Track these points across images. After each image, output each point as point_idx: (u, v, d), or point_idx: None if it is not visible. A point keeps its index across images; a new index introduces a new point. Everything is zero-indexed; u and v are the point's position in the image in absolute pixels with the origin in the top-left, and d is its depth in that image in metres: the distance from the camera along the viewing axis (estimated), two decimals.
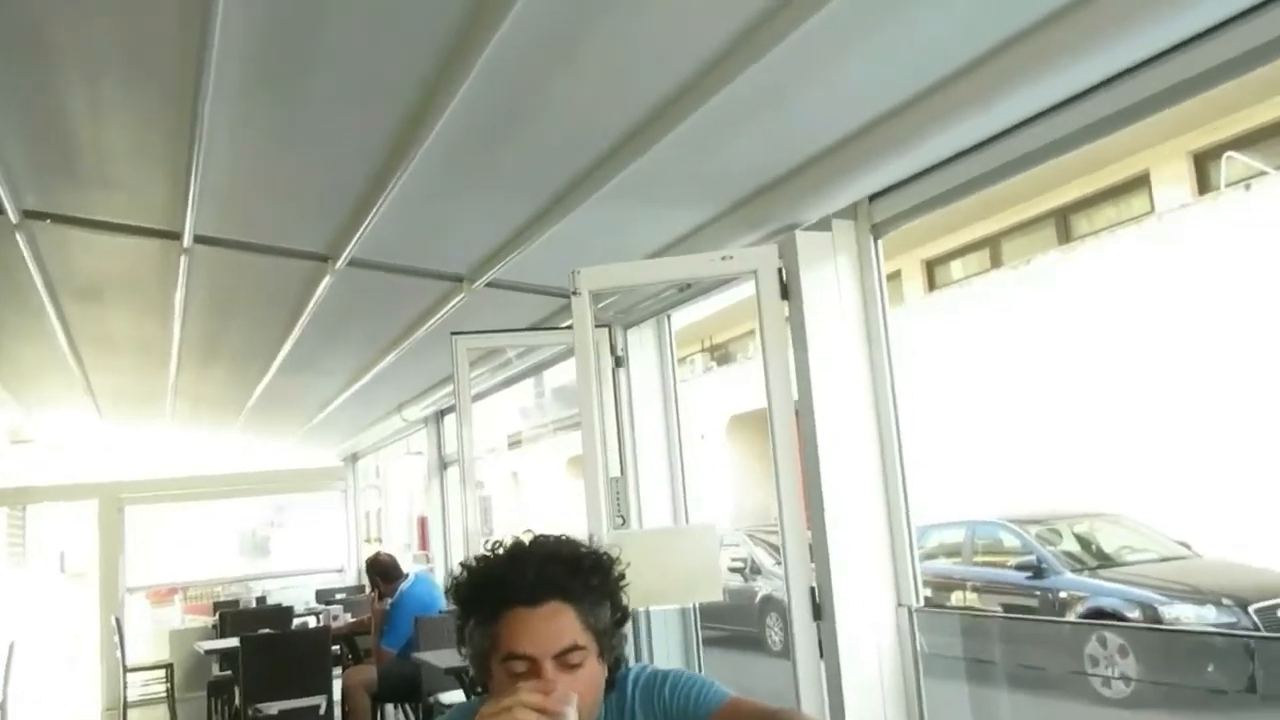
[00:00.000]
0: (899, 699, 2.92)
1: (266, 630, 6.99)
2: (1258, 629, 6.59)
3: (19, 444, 9.75)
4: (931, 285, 15.00)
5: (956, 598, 8.52)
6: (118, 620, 8.95)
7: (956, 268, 14.97)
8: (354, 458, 11.05)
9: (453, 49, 2.33)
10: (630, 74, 2.51)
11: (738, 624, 11.15)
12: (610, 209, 3.22)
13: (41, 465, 10.13)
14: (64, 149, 3.20)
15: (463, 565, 1.55)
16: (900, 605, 2.95)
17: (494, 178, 3.22)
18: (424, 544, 11.92)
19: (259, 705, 5.91)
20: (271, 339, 5.45)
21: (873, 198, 3.01)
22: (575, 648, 1.43)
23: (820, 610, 2.92)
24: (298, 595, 9.94)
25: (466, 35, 2.26)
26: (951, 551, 8.94)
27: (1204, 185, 10.88)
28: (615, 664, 1.54)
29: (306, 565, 11.64)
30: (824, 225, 3.07)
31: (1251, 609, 6.75)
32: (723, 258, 3.14)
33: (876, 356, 3.05)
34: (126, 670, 8.55)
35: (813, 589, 2.94)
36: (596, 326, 3.23)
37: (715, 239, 3.36)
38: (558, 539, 1.54)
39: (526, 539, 1.53)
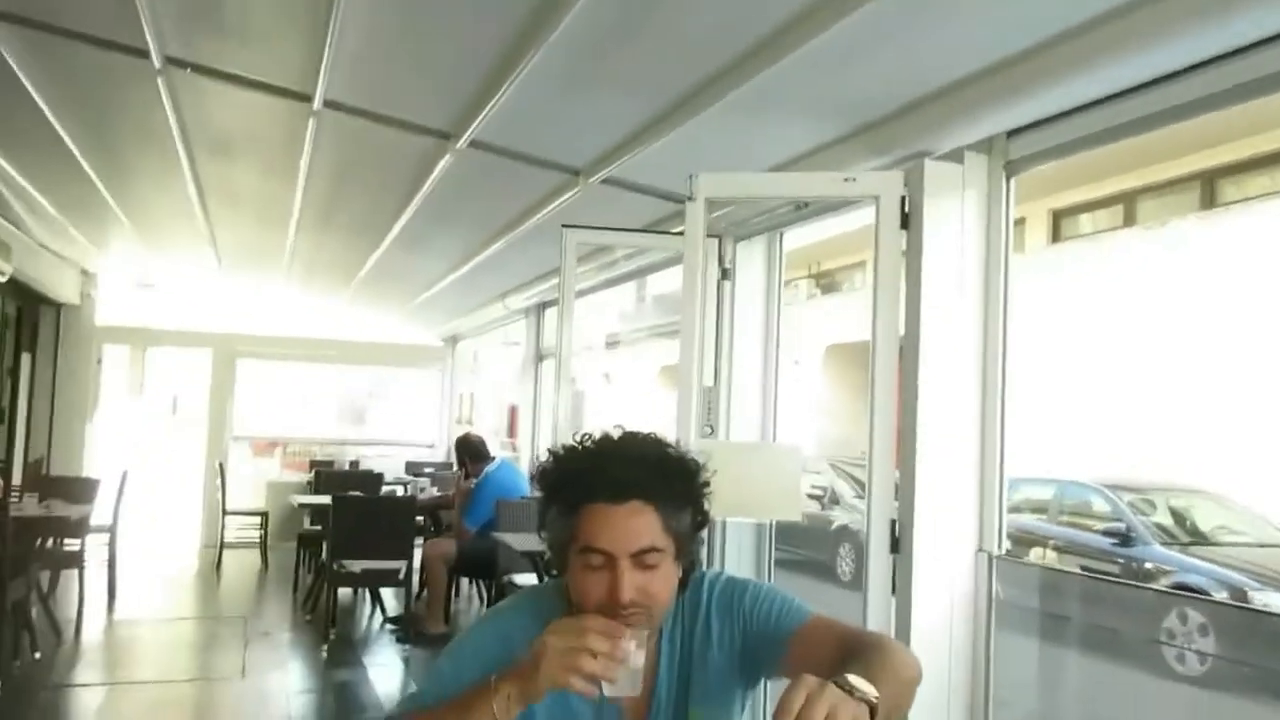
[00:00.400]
0: (967, 643, 2.90)
1: (357, 492, 7.30)
2: None
3: (144, 287, 10.22)
4: (1056, 237, 14.40)
5: (1036, 554, 8.38)
6: (221, 465, 9.46)
7: (1085, 222, 14.31)
8: (454, 340, 11.31)
9: None
10: None
11: (810, 550, 11.22)
12: (733, 118, 3.15)
13: (163, 310, 10.60)
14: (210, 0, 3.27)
15: (550, 453, 1.55)
16: (981, 550, 2.91)
17: (620, 73, 3.17)
18: (512, 432, 12.22)
19: (344, 561, 6.21)
20: (388, 211, 5.55)
21: (1010, 134, 2.88)
22: (652, 549, 1.43)
23: (898, 544, 2.90)
24: (389, 464, 10.34)
25: None
26: (1038, 508, 8.77)
27: None
28: (690, 566, 1.55)
29: (400, 437, 12.04)
30: (955, 157, 2.95)
31: None
32: (845, 179, 3.05)
33: (993, 300, 2.96)
34: (226, 513, 9.06)
35: (893, 521, 2.91)
36: (708, 236, 3.18)
37: (837, 160, 3.26)
38: (646, 438, 1.54)
39: (615, 434, 1.53)
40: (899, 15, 2.35)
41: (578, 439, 1.53)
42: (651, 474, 1.47)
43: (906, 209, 2.95)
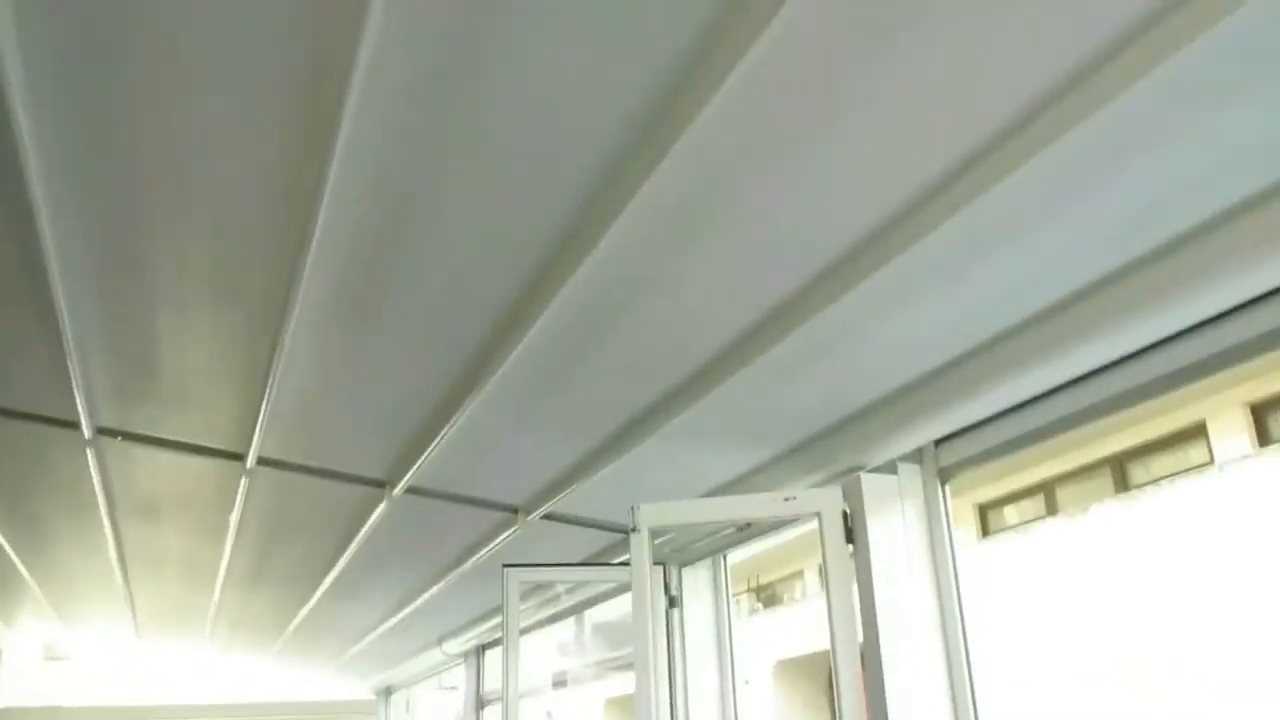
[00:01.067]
0: None
1: None
2: None
3: (53, 660, 9.57)
4: (985, 530, 14.64)
5: None
6: None
7: (1011, 513, 14.65)
8: (388, 691, 10.65)
9: (531, 287, 2.41)
10: (699, 317, 2.57)
11: None
12: (670, 446, 3.22)
13: (74, 684, 9.89)
14: (145, 367, 3.32)
15: None
16: None
17: (555, 413, 3.26)
18: None
19: None
20: (320, 562, 5.40)
21: (939, 442, 2.99)
22: None
23: None
24: None
25: (546, 276, 2.34)
26: None
27: (1264, 437, 10.71)
28: None
29: None
30: (889, 468, 3.03)
31: None
32: (786, 498, 3.10)
33: (946, 601, 2.93)
34: None
35: None
36: (653, 564, 3.15)
37: (775, 479, 3.33)
38: None
39: None
40: (825, 339, 2.49)
41: None
42: None
43: (849, 521, 2.98)
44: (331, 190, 2.05)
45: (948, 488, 3.05)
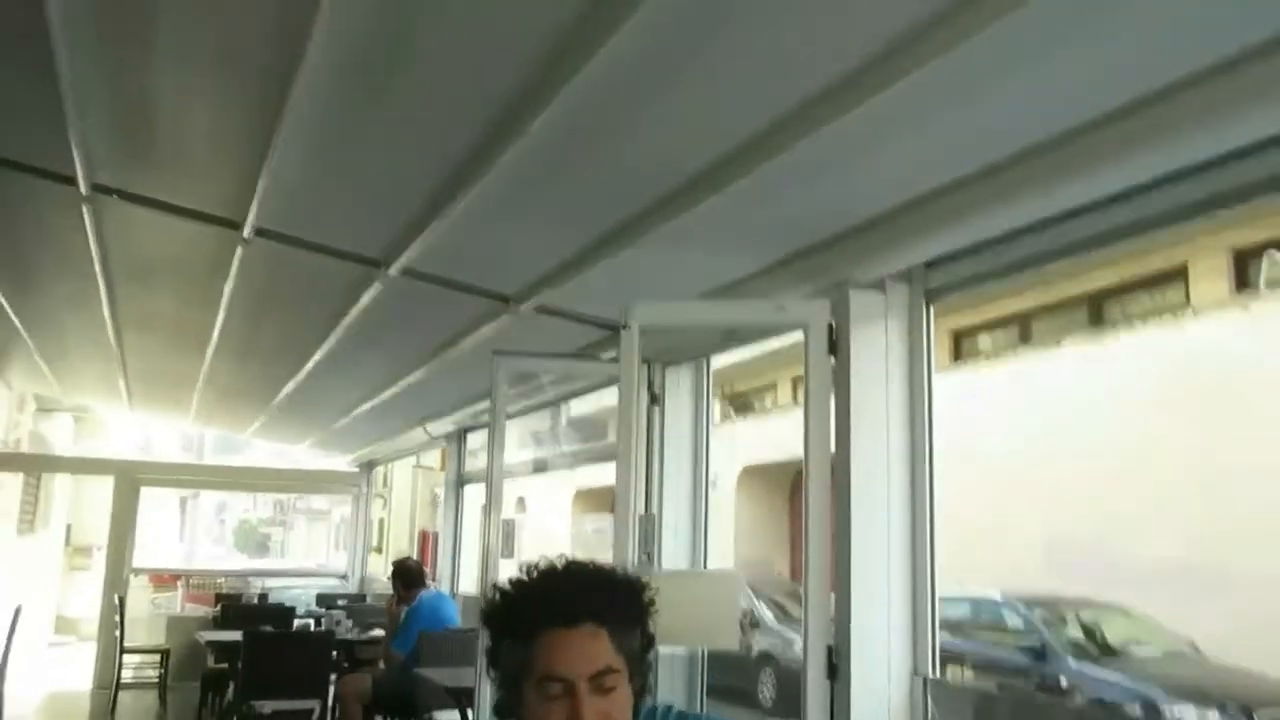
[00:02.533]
0: None
1: (269, 627, 6.99)
2: None
3: (45, 411, 9.84)
4: (958, 356, 14.97)
5: (953, 673, 8.41)
6: (121, 599, 8.98)
7: (985, 341, 14.94)
8: (369, 465, 11.09)
9: (543, 70, 2.37)
10: (708, 117, 2.56)
11: (730, 677, 11.04)
12: (665, 247, 3.26)
13: (62, 435, 10.20)
14: (144, 128, 3.29)
15: (496, 587, 1.56)
16: (916, 674, 2.94)
17: (555, 204, 3.28)
18: (426, 559, 11.86)
19: (254, 702, 5.90)
20: (310, 338, 5.50)
21: (929, 264, 3.04)
22: (609, 670, 1.44)
23: (835, 671, 2.91)
24: (297, 596, 9.94)
25: (560, 57, 2.31)
26: (953, 626, 8.84)
27: (1242, 284, 10.84)
28: (641, 690, 1.54)
29: (311, 567, 11.63)
30: (878, 286, 3.10)
31: (1256, 715, 6.65)
32: (776, 308, 3.17)
33: (918, 421, 3.07)
34: (123, 651, 8.56)
35: (829, 648, 2.93)
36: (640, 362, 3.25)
37: (764, 289, 3.39)
38: (592, 564, 1.56)
39: (559, 563, 1.54)
40: (828, 153, 2.49)
41: (523, 570, 1.54)
42: (602, 596, 1.50)
43: (834, 336, 3.07)
44: None
45: (933, 309, 3.13)
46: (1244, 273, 10.99)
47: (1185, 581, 8.90)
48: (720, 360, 4.54)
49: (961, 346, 15.14)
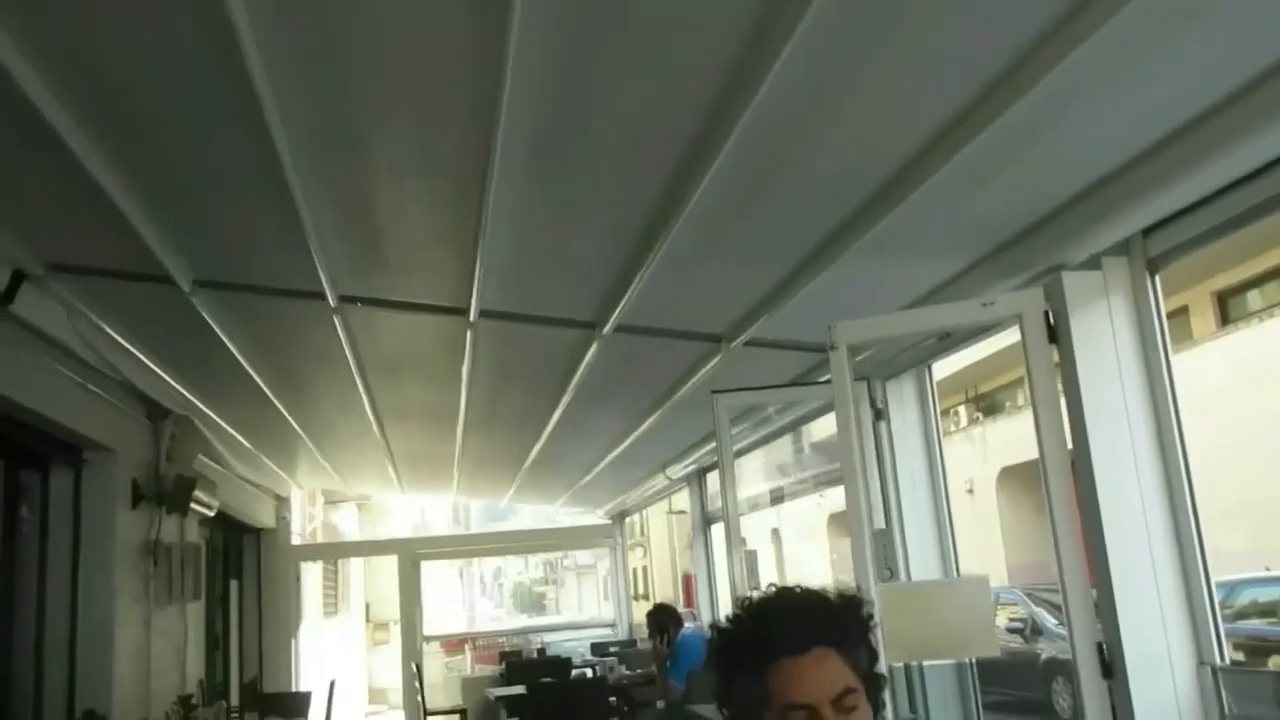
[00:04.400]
0: None
1: (548, 679, 7.35)
2: None
3: (332, 504, 10.85)
4: (1225, 319, 13.70)
5: (1274, 662, 7.62)
6: (418, 666, 9.70)
7: (1255, 298, 13.59)
8: (621, 515, 11.46)
9: (717, 107, 2.44)
10: (884, 126, 2.56)
11: (1022, 689, 10.51)
12: (864, 262, 3.25)
13: (349, 523, 11.20)
14: (371, 239, 3.65)
15: (715, 627, 1.57)
16: (1202, 664, 2.74)
17: (749, 240, 3.35)
18: (689, 601, 12.06)
19: None
20: (545, 403, 5.83)
21: (1146, 231, 2.87)
22: (849, 690, 1.43)
23: (1110, 668, 2.77)
24: (572, 648, 10.37)
25: (724, 107, 2.40)
26: (1266, 611, 8.03)
27: None
28: (877, 706, 1.53)
29: (582, 619, 12.10)
30: (1093, 264, 2.95)
31: None
32: (983, 304, 3.09)
33: (1160, 399, 2.89)
34: (427, 714, 9.23)
35: (1100, 645, 2.79)
36: (855, 380, 3.26)
37: (974, 286, 3.31)
38: (803, 589, 1.55)
39: (771, 593, 1.54)
40: (1016, 135, 2.43)
41: (739, 607, 1.55)
42: (825, 617, 1.48)
43: (1052, 323, 2.96)
44: (513, 64, 2.18)
45: (1158, 279, 2.94)
46: None
47: None
48: (956, 363, 4.43)
49: (1228, 308, 13.86)
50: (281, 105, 2.49)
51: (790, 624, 1.47)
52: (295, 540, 10.77)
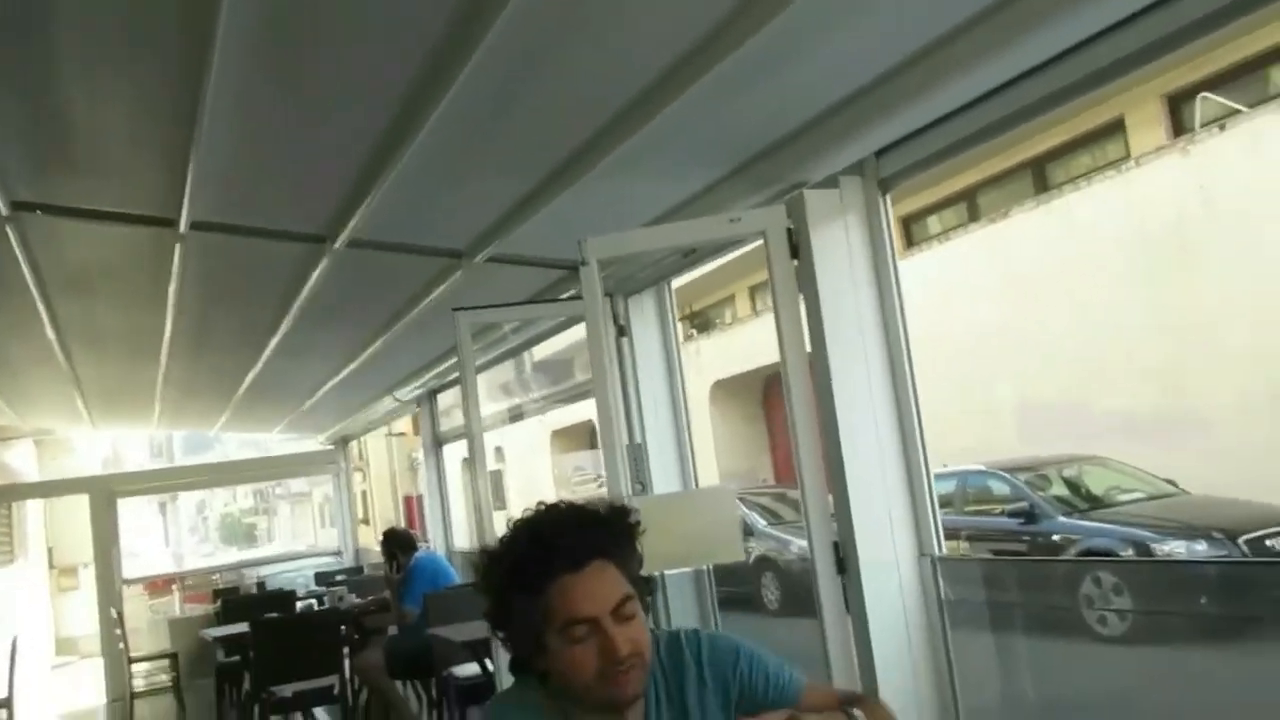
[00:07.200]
0: (926, 650, 2.97)
1: (274, 614, 7.00)
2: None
3: (3, 441, 9.66)
4: (910, 242, 15.05)
5: (950, 548, 8.62)
6: (119, 612, 8.93)
7: (934, 224, 15.02)
8: (343, 441, 11.03)
9: (459, 25, 2.31)
10: (634, 42, 2.50)
11: (731, 585, 11.26)
12: (611, 178, 3.20)
13: (25, 462, 10.04)
14: (59, 138, 3.16)
15: (485, 551, 1.56)
16: (923, 555, 3.00)
17: (496, 152, 3.21)
18: (413, 523, 11.89)
19: (272, 688, 5.93)
20: (265, 325, 5.41)
21: (879, 153, 3.02)
22: (627, 598, 1.47)
23: (844, 564, 2.96)
24: (294, 579, 9.96)
25: (473, 11, 2.24)
26: (943, 502, 9.04)
27: (1178, 129, 10.95)
28: (648, 608, 1.56)
29: (300, 549, 11.63)
30: (831, 183, 3.08)
31: (1241, 540, 6.90)
32: (731, 219, 3.14)
33: (888, 309, 3.07)
34: (131, 660, 8.54)
35: (835, 543, 2.97)
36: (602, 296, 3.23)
37: (718, 203, 3.36)
38: (569, 504, 1.56)
39: (541, 512, 1.54)
40: (761, 57, 2.45)
41: (512, 530, 1.54)
42: (600, 532, 1.51)
43: (794, 239, 3.06)
44: None
45: (888, 198, 3.12)
46: (1178, 118, 11.07)
47: (1161, 427, 9.15)
48: (675, 281, 4.52)
49: (912, 232, 15.22)
50: None
51: (567, 541, 1.47)
52: None
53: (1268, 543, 6.85)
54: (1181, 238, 9.40)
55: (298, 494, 31.90)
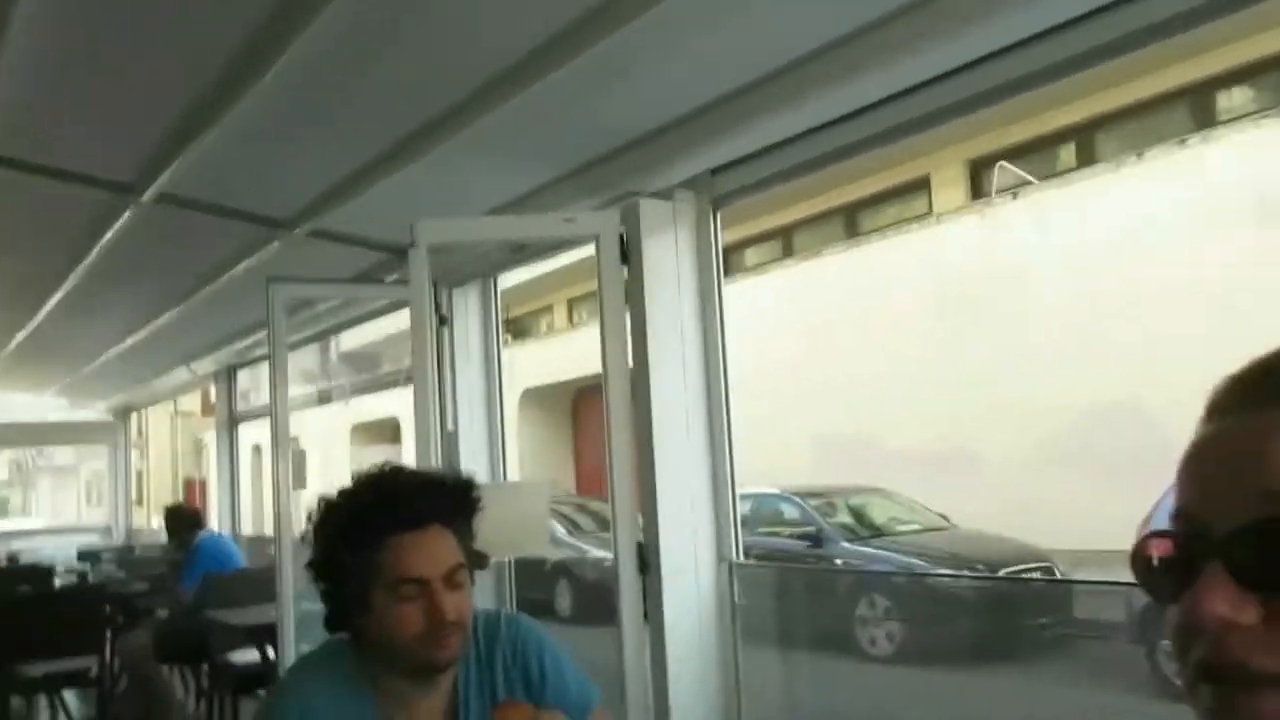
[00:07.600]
0: (716, 651, 3.06)
1: (26, 587, 6.48)
2: None
3: None
4: (728, 270, 15.52)
5: None
6: None
7: (751, 255, 15.59)
8: (125, 412, 10.30)
9: None
10: (493, 25, 2.49)
11: (528, 590, 11.23)
12: (446, 165, 3.16)
13: None
14: None
15: (326, 501, 1.55)
16: (721, 560, 3.10)
17: (336, 120, 3.10)
18: (191, 504, 11.22)
19: (21, 667, 5.45)
20: (48, 277, 4.99)
21: (715, 171, 3.12)
22: (459, 566, 1.50)
23: (646, 565, 3.02)
24: (53, 555, 9.21)
25: None
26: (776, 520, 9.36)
27: (977, 191, 11.83)
28: (473, 582, 1.59)
29: (61, 524, 10.77)
30: (666, 195, 3.15)
31: (1001, 573, 7.52)
32: (566, 219, 3.17)
33: (710, 325, 3.18)
34: None
35: (640, 544, 3.03)
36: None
37: (553, 202, 3.37)
38: (415, 470, 1.62)
39: (387, 471, 1.56)
40: (611, 65, 2.50)
41: (355, 482, 1.55)
42: (444, 498, 1.54)
43: (625, 246, 3.11)
44: None
45: (719, 216, 3.22)
46: (978, 183, 11.97)
47: (939, 466, 9.83)
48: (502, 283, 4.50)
49: (730, 261, 15.72)
50: None
51: (413, 500, 1.50)
52: None
53: (1023, 577, 7.47)
54: (970, 293, 10.15)
55: (62, 466, 29.58)
